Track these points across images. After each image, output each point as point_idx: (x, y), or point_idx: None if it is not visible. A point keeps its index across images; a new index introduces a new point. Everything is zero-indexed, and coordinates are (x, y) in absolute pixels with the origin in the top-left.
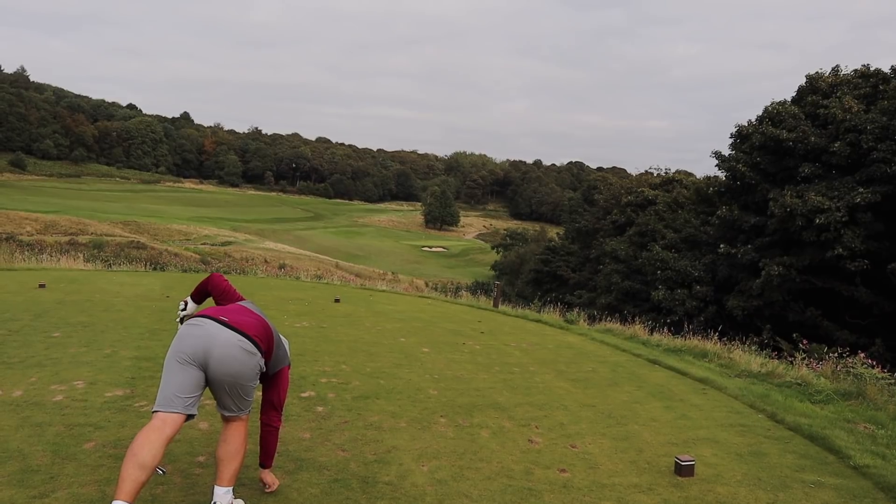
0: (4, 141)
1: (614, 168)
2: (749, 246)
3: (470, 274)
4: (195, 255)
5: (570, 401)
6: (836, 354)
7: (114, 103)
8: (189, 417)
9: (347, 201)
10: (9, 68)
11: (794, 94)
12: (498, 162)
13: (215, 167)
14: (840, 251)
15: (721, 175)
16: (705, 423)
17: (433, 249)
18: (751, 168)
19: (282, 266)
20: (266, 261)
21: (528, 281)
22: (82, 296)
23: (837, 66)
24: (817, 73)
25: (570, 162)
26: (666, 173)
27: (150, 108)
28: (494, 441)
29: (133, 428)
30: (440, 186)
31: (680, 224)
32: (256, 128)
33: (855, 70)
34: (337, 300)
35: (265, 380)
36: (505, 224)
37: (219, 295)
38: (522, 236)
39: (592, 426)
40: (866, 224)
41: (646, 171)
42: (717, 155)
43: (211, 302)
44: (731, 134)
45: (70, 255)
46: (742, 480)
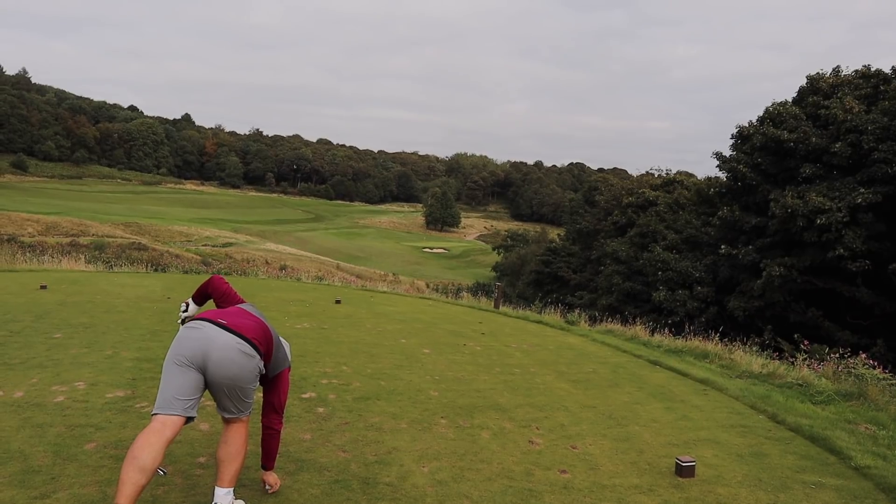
0: (6, 142)
1: (615, 169)
2: (750, 247)
3: (471, 275)
4: (196, 257)
5: (571, 402)
6: (838, 355)
7: (115, 105)
8: (189, 420)
9: (348, 203)
10: (10, 70)
11: (795, 95)
12: (499, 163)
13: (216, 169)
14: (841, 252)
15: (722, 176)
16: (706, 424)
17: (434, 251)
18: (752, 169)
19: (283, 267)
20: (267, 262)
21: (529, 282)
22: (83, 297)
23: (838, 67)
24: (818, 74)
25: (571, 163)
26: (667, 174)
27: (152, 110)
28: (495, 442)
29: (134, 429)
30: (441, 188)
31: (681, 225)
32: (257, 129)
33: (856, 71)
34: (338, 301)
35: (265, 382)
36: (506, 225)
37: (219, 297)
38: (523, 237)
39: (593, 427)
40: (867, 224)
41: (647, 172)
42: (718, 156)
43: (212, 304)
44: (732, 135)
45: (71, 257)
46: (743, 481)
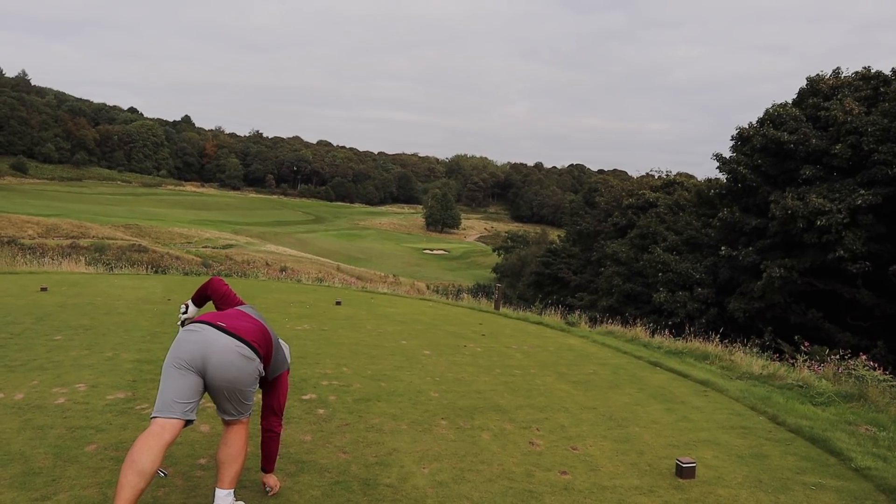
0: (6, 145)
1: (615, 170)
2: (750, 248)
3: (471, 276)
4: (196, 259)
5: (572, 403)
6: (838, 356)
7: (115, 107)
8: (188, 423)
9: (348, 204)
10: (10, 72)
11: (795, 97)
12: (499, 164)
13: (216, 170)
14: (841, 253)
15: (722, 177)
16: (706, 426)
17: (434, 252)
18: (752, 170)
19: (283, 269)
20: (267, 263)
21: (530, 283)
22: (84, 299)
23: (838, 69)
24: (818, 76)
25: (571, 164)
26: (667, 175)
27: (152, 112)
28: (495, 443)
29: (134, 430)
30: (441, 189)
31: (681, 226)
32: (257, 131)
33: (856, 72)
34: (338, 303)
35: (264, 385)
36: (506, 226)
37: (218, 299)
38: (523, 239)
39: (593, 428)
40: (867, 226)
41: (647, 174)
42: (718, 157)
43: (212, 305)
44: (732, 136)
45: (71, 259)
46: (743, 482)
